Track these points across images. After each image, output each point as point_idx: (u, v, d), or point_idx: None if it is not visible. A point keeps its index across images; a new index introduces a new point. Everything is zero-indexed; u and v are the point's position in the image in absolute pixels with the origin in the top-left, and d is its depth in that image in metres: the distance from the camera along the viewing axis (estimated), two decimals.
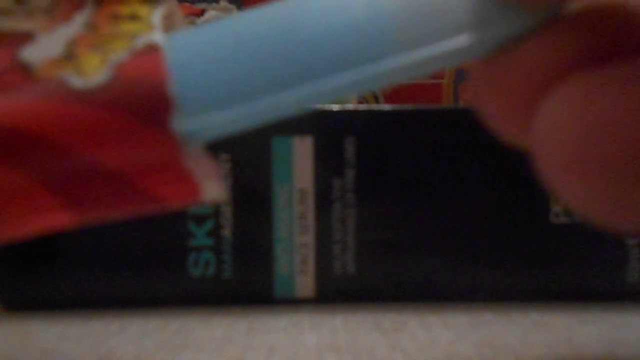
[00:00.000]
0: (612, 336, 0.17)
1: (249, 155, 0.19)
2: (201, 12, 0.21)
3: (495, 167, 0.20)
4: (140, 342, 0.16)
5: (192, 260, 0.19)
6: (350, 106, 0.20)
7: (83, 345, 0.16)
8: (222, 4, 0.21)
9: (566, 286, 0.20)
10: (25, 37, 0.12)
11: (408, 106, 0.20)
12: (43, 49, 0.12)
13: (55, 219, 0.12)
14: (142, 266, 0.19)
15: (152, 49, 0.12)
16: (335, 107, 0.20)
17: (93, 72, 0.11)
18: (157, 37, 0.12)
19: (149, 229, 0.19)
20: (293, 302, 0.20)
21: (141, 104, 0.11)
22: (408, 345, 0.16)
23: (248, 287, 0.20)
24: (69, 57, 0.12)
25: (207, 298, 0.20)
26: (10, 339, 0.17)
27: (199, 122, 0.11)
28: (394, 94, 0.33)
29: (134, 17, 0.12)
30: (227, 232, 0.20)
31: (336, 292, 0.20)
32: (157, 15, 0.12)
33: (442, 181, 0.20)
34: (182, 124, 0.11)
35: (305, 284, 0.20)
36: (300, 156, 0.19)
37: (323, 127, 0.19)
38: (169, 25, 0.12)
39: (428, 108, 0.20)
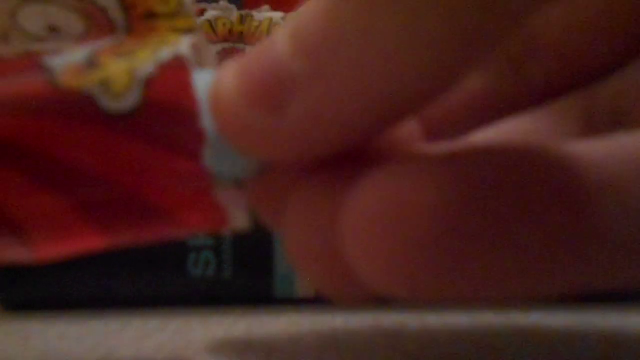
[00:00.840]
0: (612, 336, 0.17)
1: None
2: (201, 12, 0.21)
3: None
4: (140, 342, 0.16)
5: (192, 260, 0.19)
6: None
7: (83, 345, 0.16)
8: (222, 3, 0.21)
9: None
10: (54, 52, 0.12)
11: None
12: (66, 55, 0.12)
13: (87, 243, 0.12)
14: (142, 266, 0.19)
15: (179, 62, 0.12)
16: None
17: (123, 91, 0.12)
18: (184, 48, 0.12)
19: None
20: (293, 302, 0.20)
21: (174, 135, 0.12)
22: (408, 345, 0.16)
23: (248, 287, 0.20)
24: (92, 64, 0.12)
25: (207, 298, 0.20)
26: (10, 339, 0.17)
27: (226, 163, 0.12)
28: None
29: (162, 42, 0.13)
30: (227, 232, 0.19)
31: None
32: (185, 42, 0.12)
33: None
34: (212, 162, 0.12)
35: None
36: None
37: None
38: (197, 57, 0.12)
39: None
